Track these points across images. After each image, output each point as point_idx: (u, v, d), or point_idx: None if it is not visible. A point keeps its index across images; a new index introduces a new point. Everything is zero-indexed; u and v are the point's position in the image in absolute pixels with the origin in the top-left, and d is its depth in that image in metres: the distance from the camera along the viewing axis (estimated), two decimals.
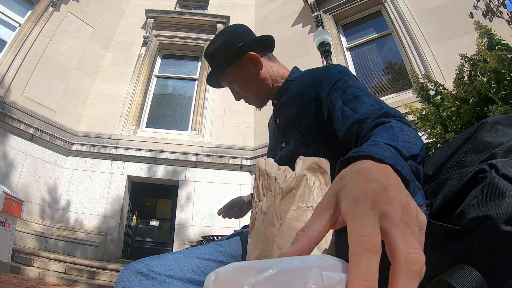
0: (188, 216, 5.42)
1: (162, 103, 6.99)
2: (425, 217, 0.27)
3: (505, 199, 0.30)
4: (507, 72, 1.43)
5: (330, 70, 0.79)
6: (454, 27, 4.90)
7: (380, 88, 5.81)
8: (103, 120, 6.24)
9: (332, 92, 0.72)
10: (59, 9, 6.33)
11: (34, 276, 3.63)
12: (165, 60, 7.54)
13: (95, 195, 5.47)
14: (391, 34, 5.99)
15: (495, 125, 0.42)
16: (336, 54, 5.96)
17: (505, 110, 1.30)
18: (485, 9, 2.37)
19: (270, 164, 0.56)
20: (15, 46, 5.50)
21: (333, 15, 6.64)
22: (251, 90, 0.89)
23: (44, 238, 4.86)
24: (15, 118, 5.04)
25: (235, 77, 0.89)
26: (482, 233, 0.31)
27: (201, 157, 5.84)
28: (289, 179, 0.53)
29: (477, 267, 0.33)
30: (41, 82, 5.71)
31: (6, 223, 3.40)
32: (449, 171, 0.44)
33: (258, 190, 0.55)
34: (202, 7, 8.49)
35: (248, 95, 0.90)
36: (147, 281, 0.56)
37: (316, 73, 0.82)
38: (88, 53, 6.67)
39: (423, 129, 1.92)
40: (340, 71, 0.76)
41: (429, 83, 1.90)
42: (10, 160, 4.88)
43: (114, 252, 5.15)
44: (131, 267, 0.59)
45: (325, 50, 4.82)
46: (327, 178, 0.55)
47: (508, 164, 0.34)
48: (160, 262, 0.60)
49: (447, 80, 3.96)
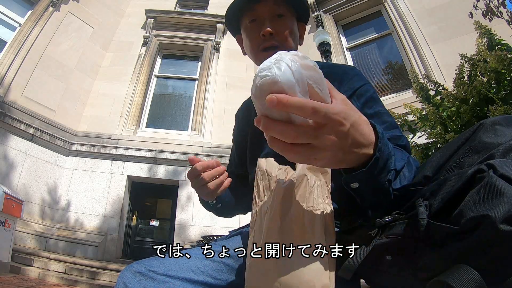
0: (188, 216, 5.42)
1: (162, 103, 6.99)
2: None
3: (503, 199, 0.31)
4: (507, 72, 1.43)
5: (349, 72, 0.75)
6: (454, 27, 4.90)
7: (380, 88, 5.82)
8: (103, 120, 6.24)
9: (353, 98, 0.70)
10: (59, 9, 6.33)
11: (34, 276, 3.63)
12: (165, 60, 7.55)
13: (95, 195, 5.47)
14: (391, 34, 6.00)
15: (494, 126, 0.42)
16: (336, 54, 5.96)
17: (505, 110, 1.30)
18: (485, 9, 2.38)
19: (270, 164, 0.57)
20: (15, 46, 5.51)
21: (333, 15, 6.64)
22: (288, 39, 0.76)
23: (44, 238, 4.86)
24: (15, 118, 5.05)
25: (291, 17, 0.78)
26: (481, 233, 0.32)
27: (201, 157, 5.79)
28: (289, 178, 0.53)
29: (476, 267, 0.33)
30: (41, 82, 5.71)
31: (6, 223, 3.40)
32: (448, 172, 0.45)
33: (259, 190, 0.56)
34: (202, 7, 8.49)
35: (281, 38, 0.76)
36: (146, 281, 0.57)
37: (333, 69, 0.77)
38: (88, 53, 6.67)
39: (423, 129, 1.93)
40: (360, 76, 0.74)
41: (429, 83, 1.90)
42: (10, 160, 4.89)
43: (114, 252, 5.15)
44: (131, 268, 0.59)
45: (325, 50, 4.82)
46: (328, 178, 0.55)
47: (506, 164, 0.34)
48: (159, 262, 0.60)
49: (447, 80, 3.96)
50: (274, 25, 0.74)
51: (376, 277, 0.54)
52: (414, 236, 0.41)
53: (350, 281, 0.51)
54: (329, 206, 0.54)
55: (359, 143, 0.40)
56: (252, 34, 0.76)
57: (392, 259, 0.45)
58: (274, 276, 0.47)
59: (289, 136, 0.34)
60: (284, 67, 0.33)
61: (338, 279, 0.49)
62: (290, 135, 0.34)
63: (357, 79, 0.73)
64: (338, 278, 0.49)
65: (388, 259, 0.46)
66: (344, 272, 0.49)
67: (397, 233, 0.45)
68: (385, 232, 0.47)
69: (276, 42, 0.75)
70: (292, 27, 0.77)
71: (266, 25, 0.73)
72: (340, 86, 0.73)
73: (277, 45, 0.74)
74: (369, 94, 0.71)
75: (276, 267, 0.47)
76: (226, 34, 7.62)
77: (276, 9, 0.74)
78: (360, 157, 0.41)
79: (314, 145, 0.36)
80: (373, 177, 0.44)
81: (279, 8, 0.75)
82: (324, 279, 0.46)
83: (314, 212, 0.51)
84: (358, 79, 0.73)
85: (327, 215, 0.52)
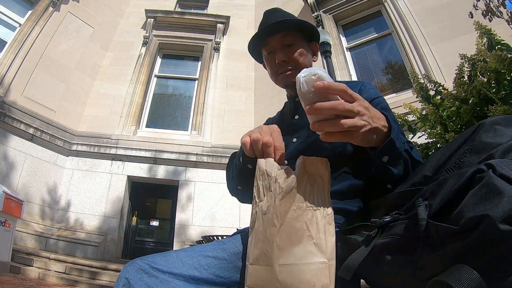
0: (188, 216, 5.42)
1: (162, 103, 6.99)
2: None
3: (502, 199, 0.31)
4: (507, 72, 1.43)
5: (367, 85, 0.88)
6: (454, 27, 4.90)
7: (380, 88, 5.82)
8: (103, 120, 6.24)
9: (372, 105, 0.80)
10: (59, 9, 6.33)
11: (34, 276, 3.63)
12: (165, 60, 7.55)
13: (95, 195, 5.47)
14: (391, 34, 5.99)
15: (494, 126, 0.42)
16: (336, 54, 5.96)
17: (505, 110, 1.30)
18: (485, 9, 2.37)
19: (270, 164, 0.57)
20: (15, 46, 5.51)
21: (333, 15, 6.64)
22: (299, 62, 0.88)
23: (44, 238, 4.86)
24: (15, 118, 5.05)
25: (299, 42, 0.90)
26: (480, 233, 0.32)
27: (201, 157, 5.84)
28: (289, 179, 0.53)
29: (476, 267, 0.33)
30: (41, 82, 5.71)
31: (6, 223, 3.40)
32: (448, 172, 0.45)
33: (259, 190, 0.56)
34: (202, 7, 8.50)
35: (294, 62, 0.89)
36: (148, 279, 0.57)
37: (352, 83, 0.89)
38: (88, 53, 6.67)
39: (423, 129, 1.93)
40: (375, 90, 0.87)
41: (429, 83, 1.90)
42: (10, 160, 4.89)
43: (114, 252, 5.15)
44: (134, 264, 0.59)
45: (325, 50, 4.82)
46: (328, 178, 0.55)
47: (506, 164, 0.34)
48: (162, 260, 0.60)
49: (447, 80, 3.95)
50: (285, 53, 0.88)
51: (376, 277, 0.54)
52: (414, 236, 0.41)
53: (350, 281, 0.51)
54: (329, 206, 0.54)
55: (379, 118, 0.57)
56: (270, 63, 0.92)
57: (392, 259, 0.45)
58: (274, 276, 0.47)
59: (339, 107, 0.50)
60: (322, 71, 0.51)
61: (338, 279, 0.49)
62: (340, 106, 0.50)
63: (373, 91, 0.86)
64: (338, 278, 0.49)
65: (388, 259, 0.46)
66: (344, 272, 0.49)
67: (397, 233, 0.45)
68: (385, 232, 0.47)
69: (290, 66, 0.89)
70: (302, 50, 0.90)
71: (279, 54, 0.88)
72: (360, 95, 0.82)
73: (291, 69, 0.89)
74: (383, 104, 0.82)
75: (276, 267, 0.47)
76: (226, 34, 7.62)
77: (284, 40, 0.88)
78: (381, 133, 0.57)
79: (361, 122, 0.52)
80: (395, 146, 0.59)
81: (287, 39, 0.88)
82: (324, 279, 0.47)
83: (314, 212, 0.51)
84: (374, 92, 0.86)
85: (327, 215, 0.52)
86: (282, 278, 0.46)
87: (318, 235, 0.49)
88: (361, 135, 0.53)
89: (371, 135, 0.55)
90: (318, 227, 0.50)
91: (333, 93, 0.50)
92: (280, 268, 0.47)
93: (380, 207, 0.58)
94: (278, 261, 0.47)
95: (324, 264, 0.47)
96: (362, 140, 0.55)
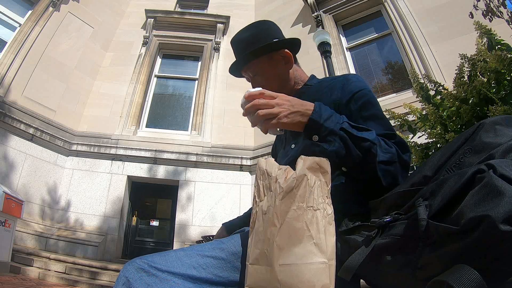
0: (188, 216, 5.42)
1: (162, 103, 6.99)
2: None
3: (503, 199, 0.31)
4: (507, 72, 1.43)
5: (351, 78, 0.85)
6: (454, 27, 4.90)
7: (380, 88, 5.82)
8: (103, 120, 6.24)
9: (352, 102, 0.79)
10: (59, 9, 6.33)
11: (34, 276, 3.63)
12: (165, 60, 7.54)
13: (95, 195, 5.47)
14: (391, 34, 5.99)
15: (494, 126, 0.42)
16: (336, 54, 5.96)
17: (505, 110, 1.30)
18: (485, 9, 2.37)
19: (271, 164, 0.57)
20: (15, 46, 5.50)
21: (333, 15, 6.64)
22: (274, 86, 0.90)
23: (44, 238, 4.86)
24: (15, 118, 5.05)
25: (262, 69, 0.93)
26: (481, 233, 0.32)
27: (201, 157, 5.84)
28: (289, 179, 0.53)
29: (476, 266, 0.33)
30: (41, 82, 5.71)
31: (6, 223, 3.40)
32: (448, 172, 0.45)
33: (259, 190, 0.56)
34: (202, 7, 8.49)
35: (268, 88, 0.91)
36: (148, 278, 0.57)
37: (335, 80, 0.88)
38: (88, 53, 6.67)
39: (423, 129, 1.93)
40: (360, 82, 0.83)
41: (429, 83, 1.90)
42: (10, 160, 4.89)
43: (114, 252, 5.15)
44: (134, 263, 0.60)
45: (325, 50, 4.82)
46: (328, 178, 0.55)
47: (506, 164, 0.34)
48: (161, 259, 0.61)
49: (447, 80, 3.96)
50: (255, 81, 0.95)
51: (376, 277, 0.54)
52: (414, 236, 0.41)
53: (350, 281, 0.51)
54: (329, 206, 0.54)
55: (302, 104, 0.65)
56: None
57: (392, 259, 0.45)
58: (274, 276, 0.47)
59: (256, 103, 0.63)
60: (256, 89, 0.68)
61: (338, 279, 0.49)
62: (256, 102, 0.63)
63: (356, 84, 0.82)
64: (338, 278, 0.49)
65: (388, 259, 0.46)
66: (344, 272, 0.49)
67: (397, 233, 0.45)
68: (385, 232, 0.47)
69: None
70: (268, 76, 0.93)
71: (252, 85, 0.96)
72: (342, 91, 0.82)
73: None
74: (366, 98, 0.79)
75: (276, 267, 0.47)
76: (226, 34, 7.62)
77: (249, 73, 0.96)
78: (305, 115, 0.65)
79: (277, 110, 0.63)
80: (319, 124, 0.64)
81: (250, 71, 0.95)
82: (324, 279, 0.46)
83: (314, 212, 0.51)
84: (357, 84, 0.82)
85: (327, 215, 0.52)
86: (282, 278, 0.46)
87: (318, 235, 0.49)
88: (287, 120, 0.62)
89: (297, 118, 0.64)
90: (318, 227, 0.50)
91: (255, 97, 0.65)
92: (280, 268, 0.47)
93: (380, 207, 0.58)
94: (278, 261, 0.47)
95: (324, 264, 0.47)
96: (293, 125, 0.64)
